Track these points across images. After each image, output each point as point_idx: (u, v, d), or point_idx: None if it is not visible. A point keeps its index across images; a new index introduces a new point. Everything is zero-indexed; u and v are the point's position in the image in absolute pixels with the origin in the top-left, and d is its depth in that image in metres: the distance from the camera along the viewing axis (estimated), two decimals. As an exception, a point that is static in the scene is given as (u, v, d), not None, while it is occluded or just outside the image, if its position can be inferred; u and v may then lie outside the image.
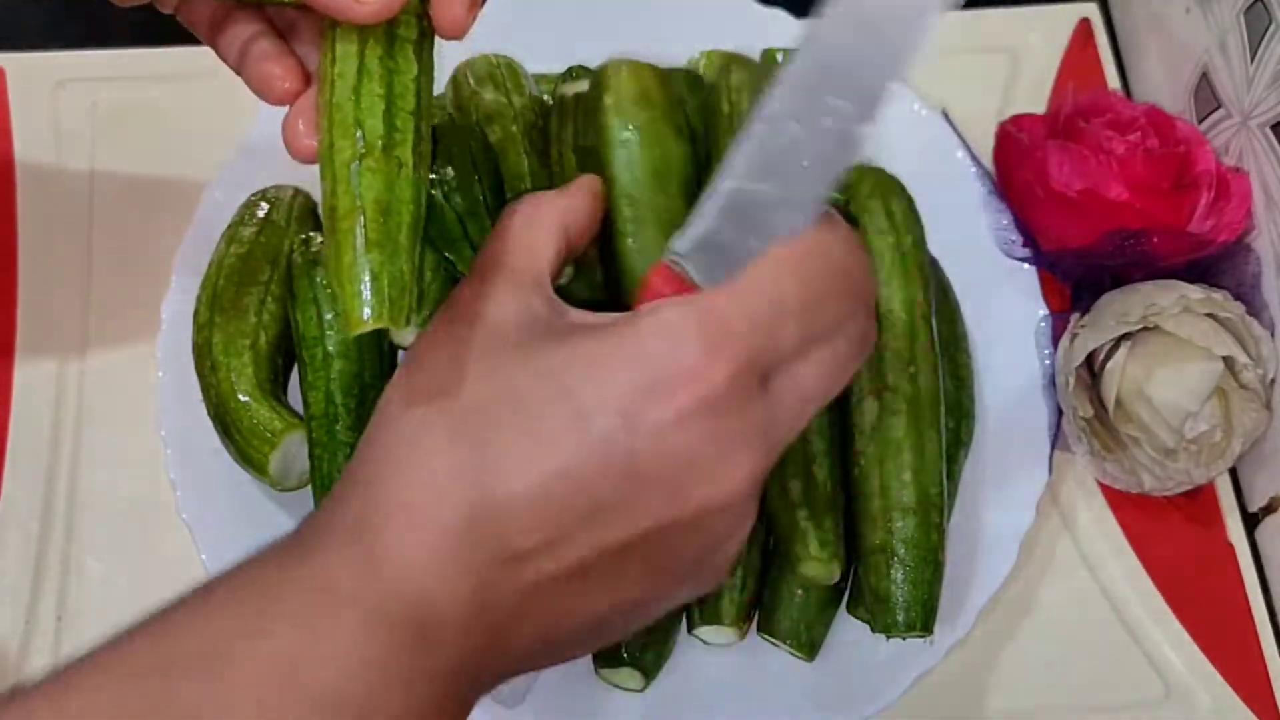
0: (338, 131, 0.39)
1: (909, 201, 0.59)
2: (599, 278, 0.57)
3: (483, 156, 0.55)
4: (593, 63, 0.59)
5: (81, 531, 0.61)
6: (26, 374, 0.64)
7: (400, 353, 0.59)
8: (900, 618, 0.52)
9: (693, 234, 0.40)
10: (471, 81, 0.59)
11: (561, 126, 0.58)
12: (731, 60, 0.58)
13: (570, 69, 0.63)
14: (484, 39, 0.63)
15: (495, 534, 0.34)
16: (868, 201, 0.58)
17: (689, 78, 0.60)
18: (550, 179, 0.58)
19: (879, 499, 0.53)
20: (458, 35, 0.41)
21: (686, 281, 0.39)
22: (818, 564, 0.52)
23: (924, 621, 0.52)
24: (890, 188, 0.59)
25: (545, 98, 0.62)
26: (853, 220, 0.58)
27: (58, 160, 0.69)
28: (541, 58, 0.63)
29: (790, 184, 0.39)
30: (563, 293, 0.60)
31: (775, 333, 0.35)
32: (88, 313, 0.65)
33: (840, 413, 0.55)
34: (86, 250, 0.67)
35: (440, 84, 0.62)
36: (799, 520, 0.52)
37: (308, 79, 0.44)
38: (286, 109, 0.43)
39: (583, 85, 0.58)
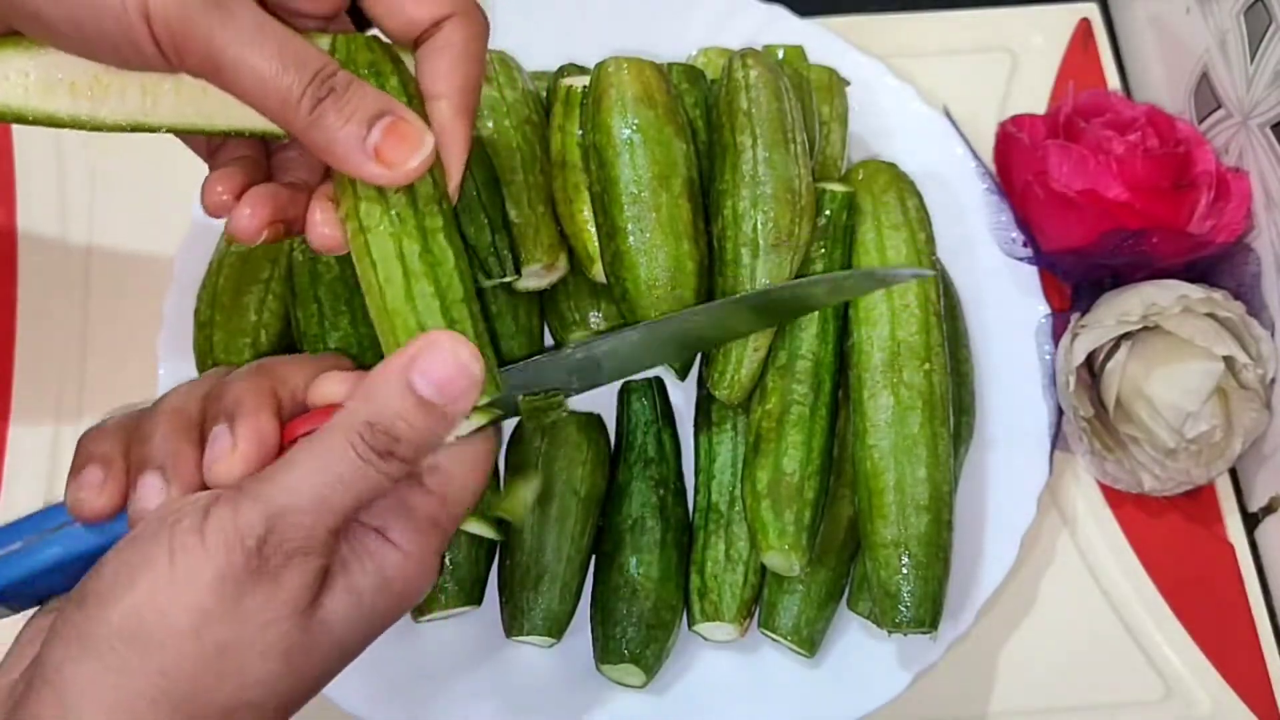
0: (403, 336, 0.41)
1: (920, 198, 0.59)
2: (600, 277, 0.57)
3: (480, 152, 0.55)
4: (590, 60, 0.59)
5: (81, 530, 0.61)
6: (27, 375, 0.64)
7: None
8: (908, 614, 0.52)
9: None
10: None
11: (566, 118, 0.58)
12: (749, 55, 0.58)
13: (562, 67, 0.63)
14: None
15: None
16: (883, 195, 0.58)
17: (689, 72, 0.60)
18: (547, 171, 0.58)
19: (893, 494, 0.53)
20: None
21: None
22: (777, 554, 0.53)
23: (932, 618, 0.52)
24: (905, 183, 0.59)
25: (541, 93, 0.62)
26: (858, 213, 0.58)
27: (59, 159, 0.69)
28: (539, 54, 0.63)
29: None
30: (563, 289, 0.60)
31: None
32: (88, 309, 0.66)
33: (830, 405, 0.55)
34: (86, 251, 0.67)
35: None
36: (761, 511, 0.53)
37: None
38: None
39: (584, 79, 0.58)
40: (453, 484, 0.40)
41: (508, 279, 0.54)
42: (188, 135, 0.45)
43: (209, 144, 0.46)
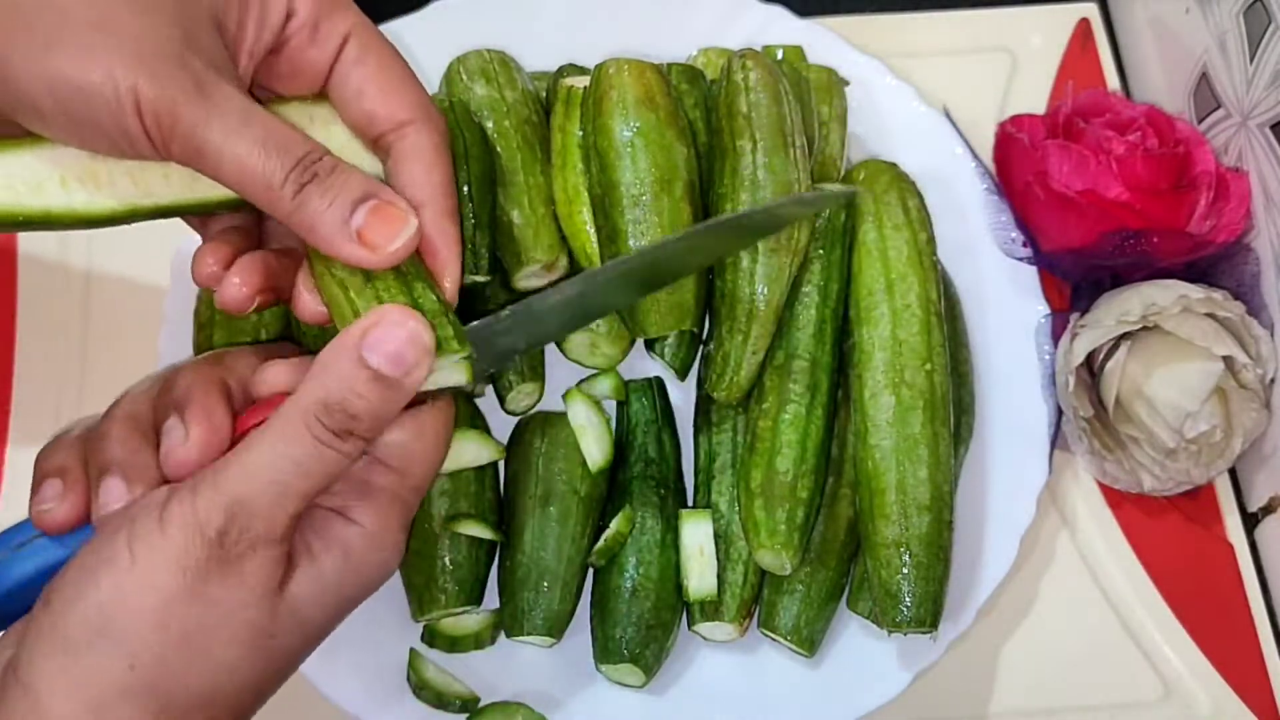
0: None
1: (921, 199, 0.59)
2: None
3: (479, 149, 0.55)
4: (590, 60, 0.59)
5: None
6: (27, 376, 0.64)
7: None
8: (909, 613, 0.52)
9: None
10: (464, 76, 0.59)
11: (566, 118, 0.58)
12: (748, 56, 0.58)
13: (562, 67, 0.63)
14: (480, 35, 0.63)
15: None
16: (884, 195, 0.58)
17: (689, 72, 0.60)
18: (547, 172, 0.58)
19: (895, 494, 0.53)
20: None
21: None
22: (768, 553, 0.53)
23: (932, 618, 0.52)
24: (906, 183, 0.59)
25: (541, 93, 0.62)
26: (857, 214, 0.58)
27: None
28: (539, 54, 0.63)
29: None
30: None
31: None
32: (88, 314, 0.66)
33: (827, 405, 0.55)
34: (87, 254, 0.67)
35: (434, 82, 0.62)
36: (754, 509, 0.53)
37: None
38: None
39: (584, 79, 0.58)
40: (411, 457, 0.40)
41: (478, 278, 0.55)
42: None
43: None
